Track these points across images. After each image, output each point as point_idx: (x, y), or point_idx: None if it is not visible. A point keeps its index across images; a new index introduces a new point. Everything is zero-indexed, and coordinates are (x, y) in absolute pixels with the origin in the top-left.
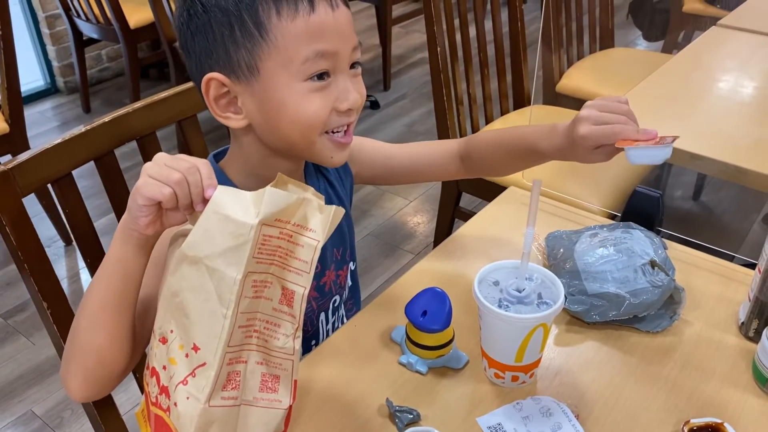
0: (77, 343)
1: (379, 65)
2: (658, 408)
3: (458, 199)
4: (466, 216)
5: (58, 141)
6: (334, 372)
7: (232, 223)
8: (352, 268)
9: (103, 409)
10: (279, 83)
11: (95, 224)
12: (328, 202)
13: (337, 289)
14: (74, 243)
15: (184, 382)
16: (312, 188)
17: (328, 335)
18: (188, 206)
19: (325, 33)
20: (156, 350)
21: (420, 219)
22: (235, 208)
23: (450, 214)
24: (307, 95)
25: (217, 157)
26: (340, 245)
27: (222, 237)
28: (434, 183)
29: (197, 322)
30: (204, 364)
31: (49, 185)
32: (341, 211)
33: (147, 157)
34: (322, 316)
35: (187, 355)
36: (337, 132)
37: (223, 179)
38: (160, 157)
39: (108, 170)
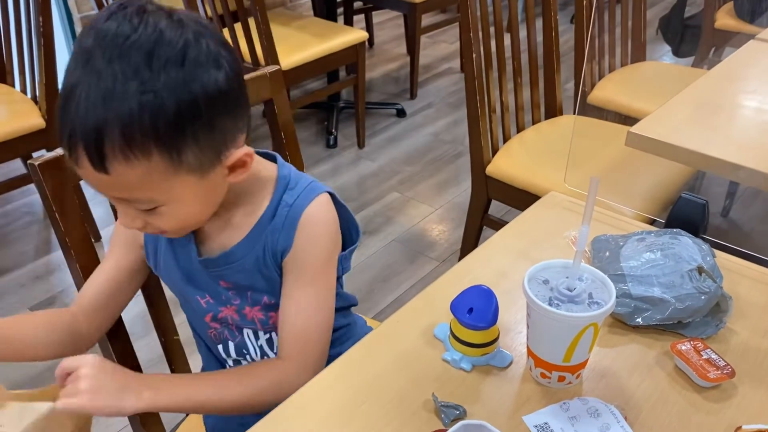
0: None
1: (406, 74)
2: (708, 412)
3: (487, 207)
4: (495, 224)
5: None
6: (379, 366)
7: None
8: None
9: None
10: None
11: None
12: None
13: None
14: (102, 240)
15: None
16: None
17: (261, 349)
18: None
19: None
20: None
21: (445, 227)
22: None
23: (479, 222)
24: None
25: None
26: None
27: None
28: (462, 190)
29: None
30: None
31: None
32: None
33: None
34: (249, 333)
35: None
36: None
37: None
38: None
39: None
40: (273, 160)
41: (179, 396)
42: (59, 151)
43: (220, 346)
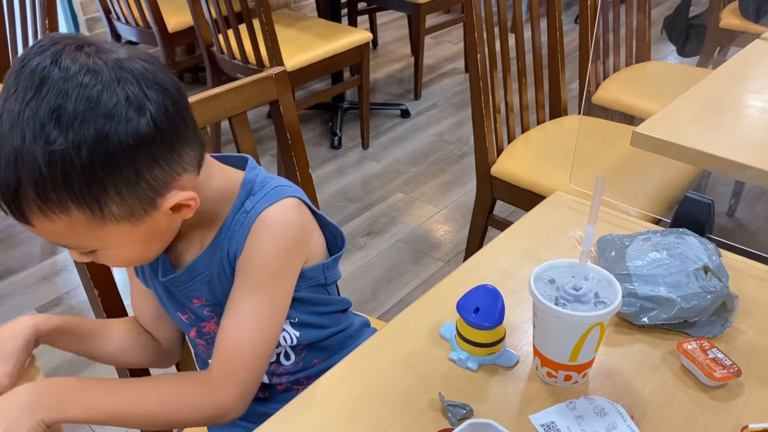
0: None
1: (410, 75)
2: (714, 411)
3: (492, 207)
4: (500, 224)
5: None
6: (385, 365)
7: None
8: None
9: None
10: None
11: None
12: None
13: None
14: None
15: None
16: None
17: None
18: None
19: None
20: None
21: (450, 227)
22: None
23: (483, 222)
24: None
25: None
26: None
27: None
28: (466, 191)
29: None
30: None
31: None
32: None
33: None
34: None
35: None
36: None
37: None
38: None
39: None
40: (244, 163)
41: (90, 407)
42: None
43: (210, 361)
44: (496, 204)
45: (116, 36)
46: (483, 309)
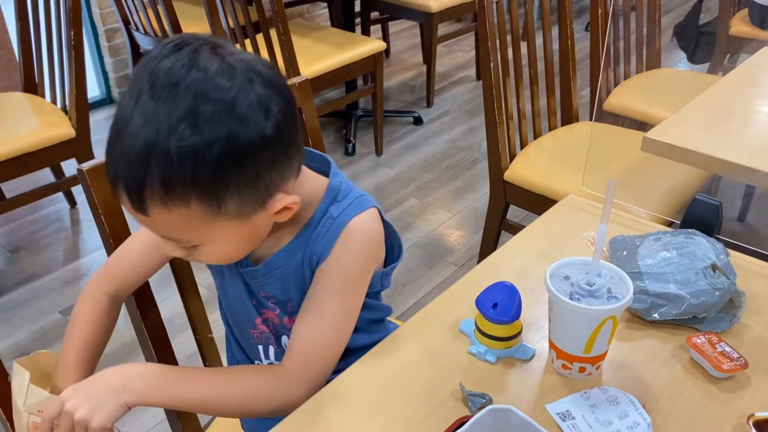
0: None
1: (423, 83)
2: (722, 401)
3: (506, 211)
4: (513, 228)
5: None
6: (407, 359)
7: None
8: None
9: None
10: None
11: None
12: (289, 256)
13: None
14: None
15: None
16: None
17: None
18: None
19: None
20: None
21: (463, 232)
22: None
23: (497, 226)
24: None
25: None
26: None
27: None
28: (479, 196)
29: None
30: None
31: None
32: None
33: None
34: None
35: None
36: None
37: None
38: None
39: None
40: (326, 166)
41: (174, 394)
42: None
43: (260, 347)
44: (509, 209)
45: (134, 46)
46: (501, 304)
